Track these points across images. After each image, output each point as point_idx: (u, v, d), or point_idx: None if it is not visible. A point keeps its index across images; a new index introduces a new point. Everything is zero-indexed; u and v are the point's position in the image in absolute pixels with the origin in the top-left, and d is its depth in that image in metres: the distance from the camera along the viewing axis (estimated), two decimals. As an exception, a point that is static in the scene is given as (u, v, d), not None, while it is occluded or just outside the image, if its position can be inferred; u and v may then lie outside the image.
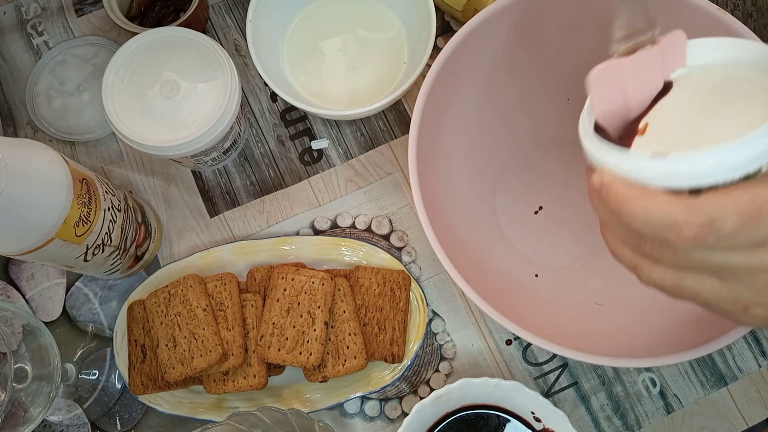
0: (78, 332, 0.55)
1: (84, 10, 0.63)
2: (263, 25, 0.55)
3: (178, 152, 0.49)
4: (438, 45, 0.61)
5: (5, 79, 0.61)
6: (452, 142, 0.51)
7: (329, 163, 0.59)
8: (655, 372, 0.54)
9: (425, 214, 0.43)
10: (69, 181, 0.42)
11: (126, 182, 0.58)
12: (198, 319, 0.50)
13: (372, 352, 0.52)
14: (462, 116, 0.51)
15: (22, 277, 0.56)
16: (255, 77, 0.61)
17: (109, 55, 0.57)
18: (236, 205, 0.58)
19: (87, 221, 0.44)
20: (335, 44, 0.59)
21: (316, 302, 0.50)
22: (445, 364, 0.54)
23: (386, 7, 0.59)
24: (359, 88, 0.58)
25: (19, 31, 0.62)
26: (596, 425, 0.53)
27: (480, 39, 0.47)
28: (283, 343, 0.50)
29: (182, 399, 0.53)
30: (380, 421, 0.53)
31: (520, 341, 0.55)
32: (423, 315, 0.53)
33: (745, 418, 0.53)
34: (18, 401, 0.46)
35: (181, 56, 0.50)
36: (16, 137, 0.50)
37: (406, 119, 0.59)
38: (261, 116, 0.60)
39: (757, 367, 0.54)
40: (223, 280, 0.52)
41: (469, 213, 0.52)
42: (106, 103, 0.49)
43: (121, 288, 0.56)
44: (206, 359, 0.49)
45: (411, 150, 0.44)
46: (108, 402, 0.54)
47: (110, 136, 0.59)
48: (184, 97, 0.49)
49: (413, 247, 0.56)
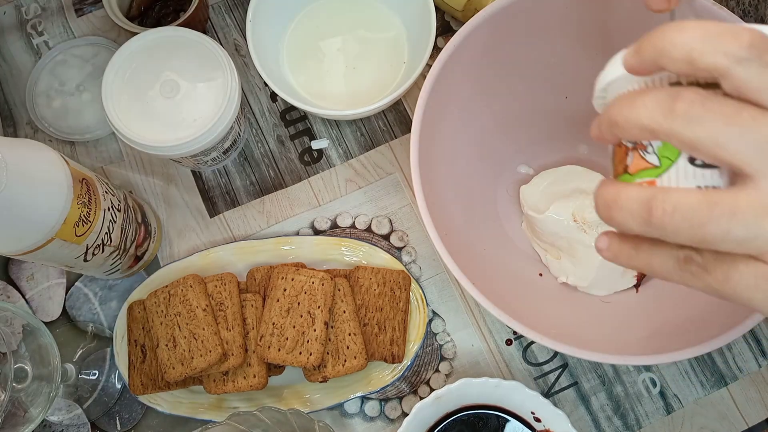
0: (78, 332, 0.55)
1: (84, 10, 0.63)
2: (263, 25, 0.55)
3: (178, 152, 0.49)
4: (438, 45, 0.61)
5: (5, 79, 0.61)
6: (453, 142, 0.51)
7: (329, 163, 0.59)
8: (655, 372, 0.54)
9: (429, 217, 0.43)
10: (69, 181, 0.42)
11: (126, 182, 0.58)
12: (198, 319, 0.50)
13: (372, 352, 0.52)
14: (462, 116, 0.51)
15: (22, 277, 0.56)
16: (255, 77, 0.61)
17: (109, 55, 0.57)
18: (236, 205, 0.58)
19: (87, 221, 0.44)
20: (335, 44, 0.59)
21: (316, 302, 0.50)
22: (445, 364, 0.54)
23: (386, 7, 0.59)
24: (359, 88, 0.58)
25: (19, 31, 0.62)
26: (596, 425, 0.53)
27: (480, 39, 0.47)
28: (283, 343, 0.50)
29: (182, 399, 0.53)
30: (380, 421, 0.53)
31: (520, 341, 0.54)
32: (423, 315, 0.53)
33: (745, 418, 0.53)
34: (18, 401, 0.46)
35: (181, 56, 0.50)
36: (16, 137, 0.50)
37: (406, 119, 0.59)
38: (261, 116, 0.60)
39: (757, 367, 0.54)
40: (223, 280, 0.52)
41: (472, 213, 0.52)
42: (106, 103, 0.49)
43: (121, 288, 0.56)
44: (206, 359, 0.49)
45: (413, 151, 0.44)
46: (108, 402, 0.54)
47: (110, 136, 0.59)
48: (184, 97, 0.49)
49: (413, 247, 0.56)
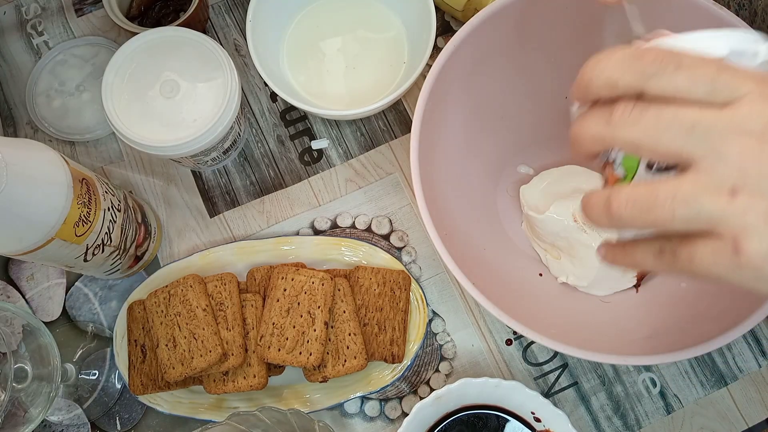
0: (78, 332, 0.55)
1: (84, 10, 0.63)
2: (263, 25, 0.55)
3: (178, 152, 0.49)
4: (438, 45, 0.61)
5: (5, 79, 0.61)
6: (453, 143, 0.51)
7: (329, 163, 0.59)
8: (655, 372, 0.54)
9: (429, 217, 0.43)
10: (69, 181, 0.42)
11: (126, 182, 0.58)
12: (198, 319, 0.50)
13: (372, 352, 0.52)
14: (462, 116, 0.51)
15: (22, 277, 0.56)
16: (255, 77, 0.61)
17: (109, 55, 0.57)
18: (236, 205, 0.58)
19: (87, 221, 0.44)
20: (335, 44, 0.59)
21: (316, 302, 0.50)
22: (445, 364, 0.54)
23: (386, 7, 0.59)
24: (359, 88, 0.58)
25: (19, 31, 0.62)
26: (596, 425, 0.53)
27: (480, 39, 0.47)
28: (283, 343, 0.50)
29: (182, 399, 0.53)
30: (380, 421, 0.53)
31: (520, 341, 0.54)
32: (423, 315, 0.53)
33: (745, 418, 0.53)
34: (18, 401, 0.46)
35: (181, 56, 0.50)
36: (16, 137, 0.50)
37: (406, 119, 0.59)
38: (261, 116, 0.60)
39: (757, 367, 0.54)
40: (223, 280, 0.52)
41: (472, 213, 0.52)
42: (106, 103, 0.49)
43: (121, 288, 0.56)
44: (206, 359, 0.49)
45: (413, 151, 0.44)
46: (108, 402, 0.54)
47: (110, 136, 0.59)
48: (184, 97, 0.49)
49: (413, 247, 0.56)
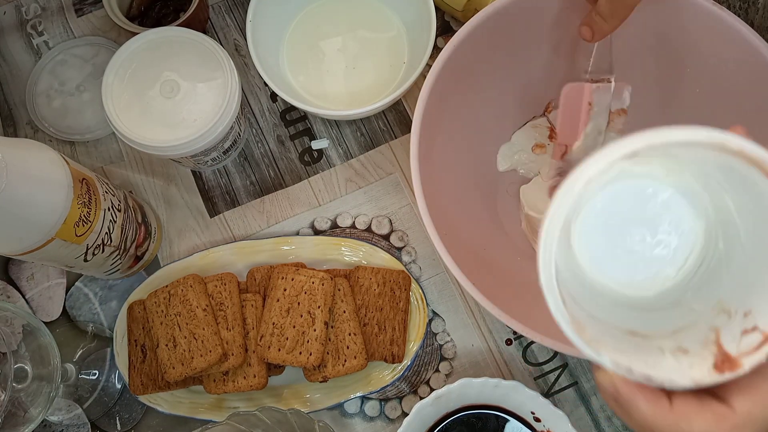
0: (78, 332, 0.55)
1: (84, 10, 0.63)
2: (263, 25, 0.55)
3: (178, 152, 0.49)
4: (438, 45, 0.61)
5: (5, 79, 0.61)
6: (453, 142, 0.51)
7: (329, 163, 0.59)
8: (655, 372, 0.54)
9: (429, 217, 0.43)
10: (69, 181, 0.42)
11: (126, 182, 0.58)
12: (198, 319, 0.50)
13: (372, 352, 0.52)
14: (462, 116, 0.51)
15: (22, 277, 0.56)
16: (255, 77, 0.61)
17: (109, 55, 0.57)
18: (236, 205, 0.58)
19: (87, 221, 0.44)
20: (335, 44, 0.59)
21: (316, 302, 0.50)
22: (445, 364, 0.54)
23: (386, 7, 0.59)
24: (359, 88, 0.58)
25: (19, 31, 0.62)
26: (596, 425, 0.53)
27: (480, 39, 0.47)
28: (283, 343, 0.50)
29: (182, 399, 0.53)
30: (380, 421, 0.53)
31: (520, 341, 0.54)
32: (423, 315, 0.53)
33: (745, 418, 0.53)
34: (18, 401, 0.46)
35: (181, 56, 0.50)
36: (16, 137, 0.50)
37: (406, 119, 0.59)
38: (261, 116, 0.60)
39: (757, 367, 0.54)
40: (223, 280, 0.52)
41: (472, 213, 0.52)
42: (106, 103, 0.49)
43: (121, 288, 0.56)
44: (206, 359, 0.49)
45: (413, 151, 0.44)
46: (108, 402, 0.54)
47: (110, 136, 0.59)
48: (184, 97, 0.49)
49: (413, 247, 0.56)
